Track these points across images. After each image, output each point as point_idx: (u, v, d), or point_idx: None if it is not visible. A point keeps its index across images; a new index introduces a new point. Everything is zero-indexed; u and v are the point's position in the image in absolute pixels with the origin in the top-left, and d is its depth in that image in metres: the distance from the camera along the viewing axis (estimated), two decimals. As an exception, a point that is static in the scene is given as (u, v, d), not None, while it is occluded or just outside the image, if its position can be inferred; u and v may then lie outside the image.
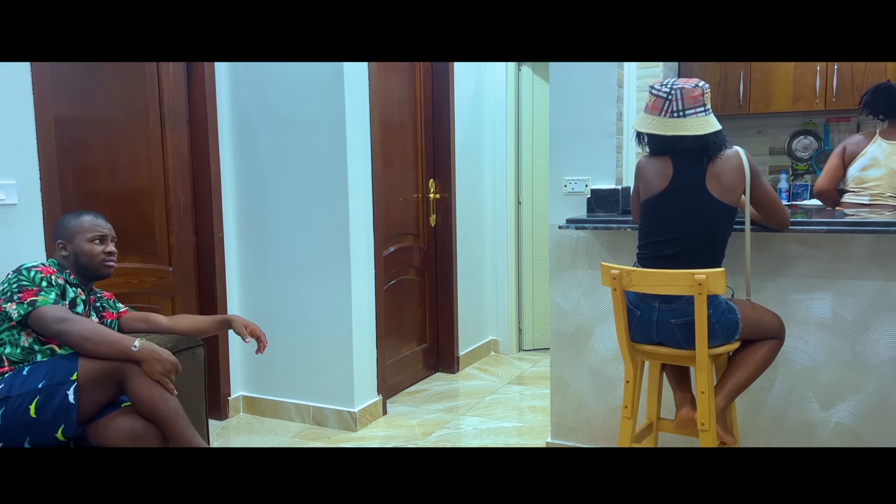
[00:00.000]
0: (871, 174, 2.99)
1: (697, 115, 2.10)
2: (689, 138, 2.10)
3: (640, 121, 2.18)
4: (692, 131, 2.10)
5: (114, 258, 2.23)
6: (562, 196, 2.82)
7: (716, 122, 2.14)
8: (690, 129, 2.10)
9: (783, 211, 2.25)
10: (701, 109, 2.10)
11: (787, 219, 2.27)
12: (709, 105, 2.13)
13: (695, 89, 2.10)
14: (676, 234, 2.14)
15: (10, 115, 2.44)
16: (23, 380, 1.94)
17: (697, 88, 2.10)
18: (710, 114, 2.14)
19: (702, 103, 2.10)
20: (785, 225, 2.27)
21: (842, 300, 2.42)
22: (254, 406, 3.54)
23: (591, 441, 2.86)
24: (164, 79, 3.15)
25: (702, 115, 2.10)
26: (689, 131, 2.10)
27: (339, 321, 3.31)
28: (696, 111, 2.10)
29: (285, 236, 3.37)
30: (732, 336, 2.14)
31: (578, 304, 2.82)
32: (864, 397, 2.43)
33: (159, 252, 3.19)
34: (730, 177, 2.12)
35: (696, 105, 2.10)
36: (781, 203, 2.26)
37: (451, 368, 4.26)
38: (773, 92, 4.53)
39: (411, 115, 3.94)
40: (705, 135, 2.10)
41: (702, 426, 2.08)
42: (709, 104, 2.13)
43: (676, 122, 2.11)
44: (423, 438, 3.23)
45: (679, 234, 2.14)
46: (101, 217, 2.25)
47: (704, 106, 2.11)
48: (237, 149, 3.42)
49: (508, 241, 4.58)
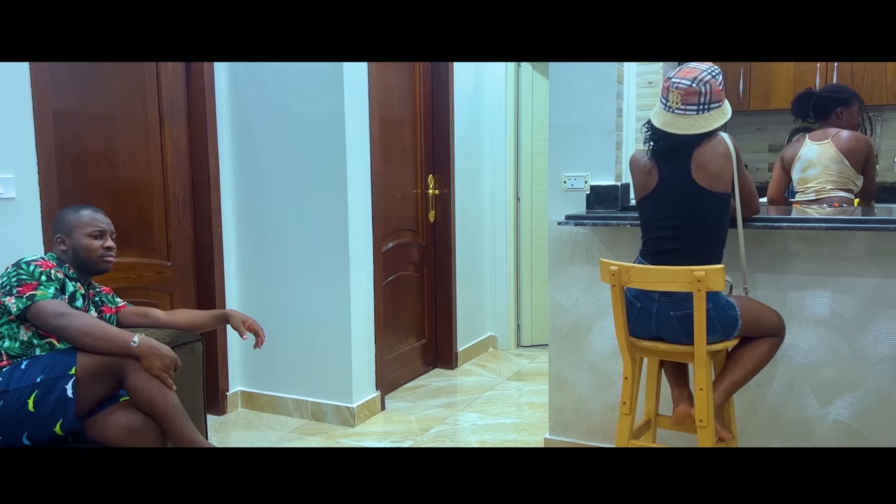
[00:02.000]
0: (810, 174, 3.20)
1: (687, 114, 2.08)
2: (676, 136, 2.10)
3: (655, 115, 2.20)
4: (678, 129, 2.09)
5: (112, 253, 2.22)
6: (561, 192, 2.82)
7: (714, 118, 2.09)
8: (676, 127, 2.09)
9: (757, 199, 2.29)
10: (692, 108, 2.08)
11: (758, 206, 2.31)
12: (705, 101, 2.07)
13: (689, 87, 2.07)
14: (674, 229, 2.14)
15: (8, 108, 2.43)
16: (21, 374, 1.93)
17: (695, 86, 2.07)
18: (708, 110, 2.08)
19: (694, 101, 2.08)
20: (756, 212, 2.31)
21: (841, 297, 2.42)
22: (252, 401, 3.54)
23: (589, 437, 2.87)
24: (163, 73, 3.14)
25: (692, 112, 2.08)
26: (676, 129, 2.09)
27: (338, 317, 3.30)
28: (687, 109, 2.08)
29: (284, 231, 3.37)
30: (731, 332, 2.14)
31: (577, 301, 2.82)
32: (863, 394, 2.43)
33: (158, 247, 3.19)
34: (717, 164, 2.10)
35: (689, 104, 2.07)
36: (755, 190, 2.29)
37: (449, 364, 4.26)
38: (772, 89, 4.53)
39: (410, 110, 3.93)
40: (685, 135, 2.09)
41: (700, 423, 2.09)
42: (704, 99, 2.07)
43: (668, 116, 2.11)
44: (422, 434, 3.23)
45: (676, 229, 2.14)
46: (100, 212, 2.24)
47: (698, 105, 2.07)
48: (236, 143, 3.41)
49: (507, 237, 4.58)
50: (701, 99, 2.06)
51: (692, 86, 2.06)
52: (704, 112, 2.08)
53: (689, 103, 2.06)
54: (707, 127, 2.09)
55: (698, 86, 2.06)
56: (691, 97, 2.06)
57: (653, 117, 2.17)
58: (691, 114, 2.07)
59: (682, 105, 2.07)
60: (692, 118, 2.08)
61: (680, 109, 2.08)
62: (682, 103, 2.07)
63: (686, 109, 2.07)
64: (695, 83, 2.06)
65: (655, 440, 2.42)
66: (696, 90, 2.06)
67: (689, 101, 2.06)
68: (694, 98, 2.06)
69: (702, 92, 2.06)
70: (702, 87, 2.06)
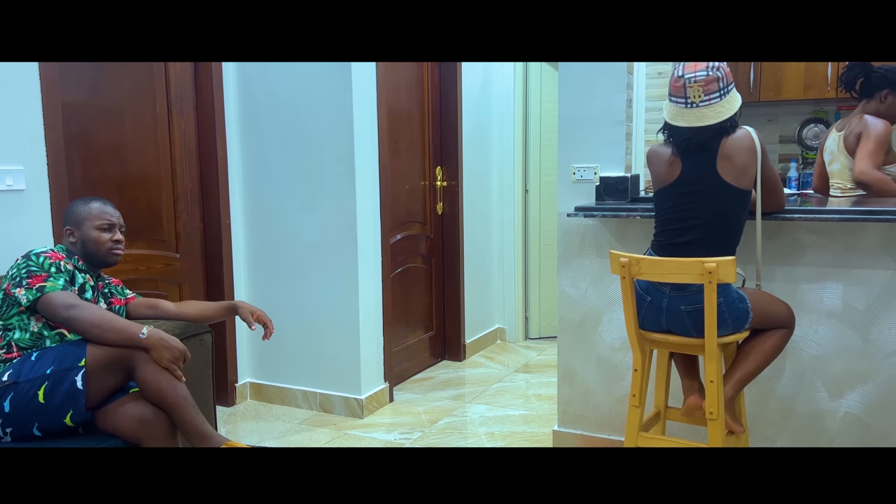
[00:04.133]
0: (834, 168, 2.97)
1: (712, 103, 2.08)
2: (708, 128, 2.08)
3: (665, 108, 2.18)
4: (710, 120, 2.08)
5: (121, 246, 2.22)
6: (570, 184, 2.80)
7: (734, 98, 2.10)
8: (708, 119, 2.08)
9: (783, 193, 2.27)
10: (716, 95, 2.08)
11: (785, 201, 2.28)
12: (724, 84, 2.08)
13: (707, 76, 2.07)
14: (690, 221, 2.13)
15: (17, 101, 2.43)
16: (31, 365, 1.94)
17: (712, 74, 2.07)
18: (728, 93, 2.09)
19: (716, 88, 2.08)
20: (782, 207, 2.28)
21: (853, 289, 2.40)
22: (261, 393, 3.55)
23: (597, 430, 2.86)
24: (171, 66, 3.14)
25: (716, 100, 2.08)
26: (708, 121, 2.08)
27: (346, 308, 3.30)
28: (711, 99, 2.08)
29: (292, 223, 3.37)
30: (742, 325, 2.12)
31: (586, 293, 2.81)
32: (874, 387, 2.42)
33: (166, 238, 3.19)
34: (743, 158, 2.09)
35: (712, 93, 2.07)
36: (781, 185, 2.27)
37: (457, 356, 4.27)
38: (784, 80, 4.49)
39: (419, 102, 3.92)
40: (719, 123, 2.08)
41: (710, 415, 2.07)
42: (723, 83, 2.08)
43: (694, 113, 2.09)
44: (430, 426, 3.23)
45: (693, 221, 2.12)
46: (109, 204, 2.24)
47: (720, 91, 2.08)
48: (244, 136, 3.41)
49: (515, 229, 4.56)
50: (721, 84, 2.07)
51: (710, 74, 2.07)
52: (726, 95, 2.09)
53: (712, 92, 2.07)
54: (733, 108, 2.10)
55: (715, 72, 2.07)
56: (712, 85, 2.07)
57: (673, 119, 2.14)
58: (716, 101, 2.08)
59: (705, 96, 2.08)
60: (717, 105, 2.09)
61: (704, 101, 2.08)
62: (705, 94, 2.07)
63: (711, 99, 2.08)
64: (711, 70, 2.07)
65: (665, 432, 2.41)
66: (714, 77, 2.07)
67: (711, 89, 2.07)
68: (714, 85, 2.07)
69: (719, 77, 2.07)
70: (718, 72, 2.07)
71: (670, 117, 2.16)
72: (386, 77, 3.42)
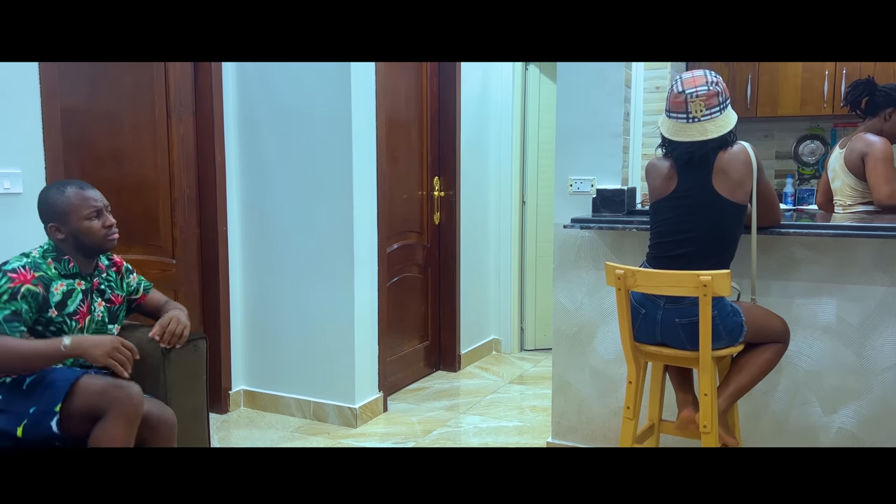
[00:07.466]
0: (836, 185, 2.99)
1: (713, 117, 2.10)
2: (710, 142, 2.10)
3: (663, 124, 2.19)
4: (713, 133, 2.10)
5: (115, 229, 2.08)
6: (567, 195, 2.81)
7: (732, 112, 2.14)
8: (710, 133, 2.10)
9: (779, 208, 2.30)
10: (716, 109, 2.10)
11: (781, 216, 2.31)
12: (723, 99, 2.11)
13: (709, 91, 2.09)
14: (685, 234, 2.14)
15: (16, 104, 2.43)
16: (20, 396, 1.89)
17: (712, 88, 2.09)
18: (727, 107, 2.13)
19: (716, 103, 2.10)
20: (778, 222, 2.30)
21: (847, 305, 2.41)
22: (254, 400, 3.53)
23: (591, 442, 2.85)
24: (171, 70, 3.15)
25: (717, 114, 2.10)
26: (711, 134, 2.10)
27: (342, 317, 3.30)
28: (713, 113, 2.10)
29: (289, 231, 3.37)
30: (736, 338, 2.13)
31: (582, 305, 2.81)
32: (868, 403, 2.42)
33: (163, 244, 3.19)
34: (738, 172, 2.11)
35: (712, 107, 2.10)
36: (777, 200, 2.29)
37: (452, 367, 4.26)
38: (780, 96, 4.52)
39: (417, 111, 3.93)
40: (721, 136, 2.10)
41: (704, 428, 2.07)
42: (722, 97, 2.11)
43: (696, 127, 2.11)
44: (424, 436, 3.22)
45: (688, 234, 2.13)
46: (87, 186, 2.05)
47: (720, 105, 2.10)
48: (242, 142, 3.42)
49: (512, 240, 4.57)
50: (720, 98, 2.11)
51: (710, 89, 2.10)
52: (725, 109, 2.13)
53: (713, 106, 2.10)
54: (732, 122, 2.13)
55: (714, 87, 2.10)
56: (713, 99, 2.10)
57: (675, 135, 2.15)
58: (717, 115, 2.11)
59: (706, 110, 2.10)
60: (718, 119, 2.12)
61: (706, 115, 2.10)
62: (706, 108, 2.10)
63: (712, 113, 2.11)
64: (710, 86, 2.10)
65: (659, 445, 2.41)
66: (714, 91, 2.10)
67: (712, 103, 2.10)
68: (715, 99, 2.10)
69: (719, 91, 2.11)
70: (717, 87, 2.11)
71: (670, 133, 2.17)
72: (385, 85, 3.44)
